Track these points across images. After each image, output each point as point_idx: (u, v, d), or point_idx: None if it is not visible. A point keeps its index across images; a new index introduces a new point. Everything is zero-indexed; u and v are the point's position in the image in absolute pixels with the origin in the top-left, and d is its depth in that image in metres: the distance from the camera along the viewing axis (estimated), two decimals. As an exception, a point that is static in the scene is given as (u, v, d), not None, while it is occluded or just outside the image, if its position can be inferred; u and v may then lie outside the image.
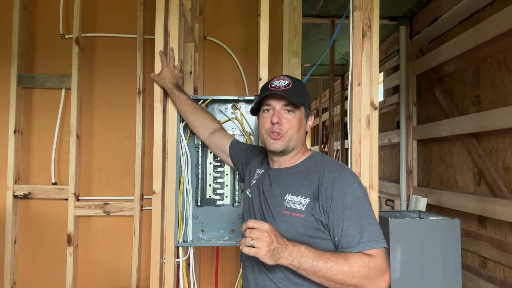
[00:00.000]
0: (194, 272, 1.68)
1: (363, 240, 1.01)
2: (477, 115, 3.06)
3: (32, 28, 2.39)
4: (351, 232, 1.02)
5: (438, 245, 2.63)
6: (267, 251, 0.94)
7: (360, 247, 1.00)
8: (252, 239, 0.95)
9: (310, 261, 0.97)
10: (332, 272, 0.97)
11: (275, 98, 1.17)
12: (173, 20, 1.57)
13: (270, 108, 1.18)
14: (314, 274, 0.98)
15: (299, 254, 0.97)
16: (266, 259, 0.95)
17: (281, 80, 1.19)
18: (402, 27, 4.17)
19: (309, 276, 0.99)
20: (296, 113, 1.18)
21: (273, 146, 1.17)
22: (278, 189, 1.18)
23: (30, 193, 2.30)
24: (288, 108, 1.17)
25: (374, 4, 1.51)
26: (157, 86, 1.55)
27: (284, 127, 1.16)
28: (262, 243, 0.94)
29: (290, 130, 1.16)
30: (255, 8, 2.42)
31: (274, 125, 1.16)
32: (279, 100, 1.16)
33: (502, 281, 2.81)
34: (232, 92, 2.45)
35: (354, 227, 1.02)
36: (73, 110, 2.28)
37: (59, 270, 2.31)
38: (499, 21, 2.76)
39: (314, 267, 0.97)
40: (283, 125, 1.16)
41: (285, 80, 1.18)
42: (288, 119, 1.16)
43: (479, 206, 3.01)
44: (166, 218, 1.56)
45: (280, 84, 1.17)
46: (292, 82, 1.18)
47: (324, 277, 0.97)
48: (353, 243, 1.01)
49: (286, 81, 1.18)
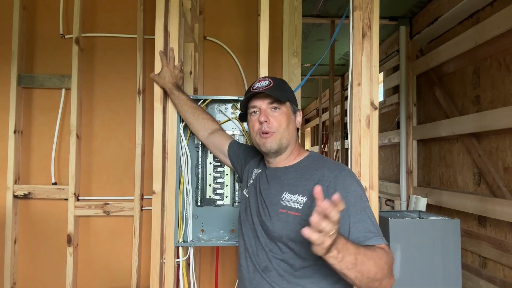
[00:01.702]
0: (194, 272, 1.68)
1: (373, 235, 1.01)
2: (477, 115, 3.06)
3: (32, 28, 2.38)
4: (359, 228, 1.02)
5: (438, 245, 2.63)
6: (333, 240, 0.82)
7: (372, 241, 1.00)
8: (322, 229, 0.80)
9: (353, 253, 0.89)
10: (369, 265, 0.91)
11: (259, 98, 1.18)
12: (173, 20, 1.57)
13: (256, 109, 1.20)
14: (354, 266, 0.89)
15: (344, 246, 0.87)
16: (327, 250, 0.83)
17: (262, 81, 1.21)
18: (402, 27, 4.17)
19: (345, 271, 0.89)
20: (282, 109, 1.19)
21: (266, 145, 1.17)
22: (276, 187, 1.18)
23: (30, 193, 2.30)
24: (274, 106, 1.18)
25: (374, 4, 1.51)
26: (157, 86, 1.55)
27: (273, 125, 1.17)
28: (332, 229, 0.80)
29: (280, 127, 1.17)
30: (255, 8, 2.41)
31: (262, 124, 1.17)
32: (263, 99, 1.18)
33: (502, 281, 2.81)
34: (232, 92, 2.45)
35: (361, 224, 1.02)
36: (73, 110, 2.28)
37: (59, 270, 2.31)
38: (499, 21, 2.76)
39: (356, 260, 0.89)
40: (271, 123, 1.17)
41: (265, 81, 1.20)
42: (275, 116, 1.18)
43: (479, 206, 3.01)
44: (166, 218, 1.56)
45: (261, 85, 1.19)
46: (273, 80, 1.20)
47: (360, 271, 0.90)
48: (363, 237, 1.00)
49: (267, 81, 1.20)
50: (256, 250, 1.16)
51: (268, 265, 1.12)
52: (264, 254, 1.13)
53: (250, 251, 1.18)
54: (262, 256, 1.14)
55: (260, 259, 1.14)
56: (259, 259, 1.15)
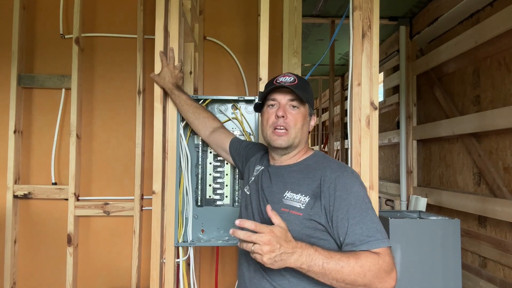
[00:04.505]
0: (194, 272, 1.68)
1: (369, 239, 0.99)
2: (477, 115, 3.06)
3: (32, 28, 2.38)
4: (356, 231, 1.01)
5: (438, 245, 2.63)
6: (268, 259, 0.91)
7: (368, 245, 0.99)
8: (253, 244, 0.91)
9: (320, 263, 0.94)
10: (343, 273, 0.94)
11: (281, 92, 1.17)
12: (173, 20, 1.57)
13: (275, 103, 1.18)
14: (324, 276, 0.95)
15: (309, 257, 0.94)
16: (269, 266, 0.93)
17: (287, 76, 1.19)
18: (402, 27, 4.17)
19: (318, 278, 0.97)
20: (301, 109, 1.18)
21: (277, 142, 1.16)
22: (278, 185, 1.17)
23: (30, 193, 2.30)
24: (294, 104, 1.17)
25: (374, 4, 1.51)
26: (157, 86, 1.55)
27: (289, 121, 1.15)
28: (262, 251, 0.91)
29: (295, 126, 1.16)
30: (255, 8, 2.42)
31: (279, 118, 1.15)
32: (285, 95, 1.16)
33: (502, 281, 2.81)
34: (232, 92, 2.45)
35: (359, 226, 1.01)
36: (73, 110, 2.28)
37: (59, 270, 2.31)
38: (499, 21, 2.76)
39: (324, 269, 0.94)
40: (289, 119, 1.15)
41: (290, 77, 1.18)
42: (293, 114, 1.16)
43: (479, 206, 3.01)
44: (166, 218, 1.56)
45: (286, 80, 1.17)
46: (298, 79, 1.18)
47: (334, 278, 0.95)
48: (359, 241, 1.00)
49: (292, 78, 1.18)
50: None
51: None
52: None
53: None
54: None
55: None
56: None
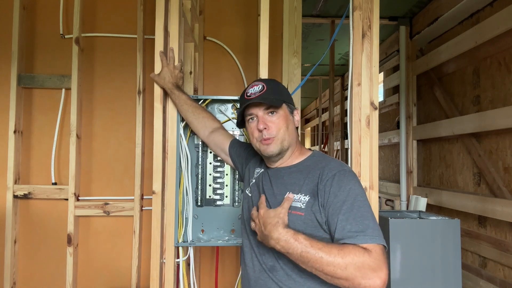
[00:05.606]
0: (194, 272, 1.68)
1: (358, 234, 0.99)
2: (477, 115, 3.06)
3: (32, 28, 2.39)
4: (345, 227, 1.01)
5: (438, 245, 2.63)
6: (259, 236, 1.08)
7: (355, 240, 0.98)
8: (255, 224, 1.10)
9: (299, 251, 0.97)
10: (322, 263, 0.95)
11: (255, 105, 1.18)
12: (173, 20, 1.57)
13: (253, 116, 1.20)
14: (303, 263, 0.98)
15: (287, 244, 0.99)
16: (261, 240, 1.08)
17: (255, 86, 1.20)
18: (402, 27, 4.17)
19: (301, 265, 1.00)
20: (279, 112, 1.19)
21: (268, 150, 1.18)
22: (279, 187, 1.18)
23: (30, 193, 2.31)
24: (270, 111, 1.18)
25: (374, 4, 1.51)
26: (157, 86, 1.55)
27: (272, 130, 1.17)
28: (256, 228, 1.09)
29: (280, 131, 1.17)
30: (255, 8, 2.42)
31: (262, 131, 1.17)
32: (259, 107, 1.18)
33: (502, 281, 2.81)
34: (232, 92, 2.45)
35: (349, 221, 1.01)
36: (73, 110, 2.28)
37: (59, 270, 2.31)
38: (499, 21, 2.76)
39: (302, 257, 0.97)
40: (270, 129, 1.17)
41: (258, 85, 1.20)
42: (273, 121, 1.18)
43: (479, 206, 3.01)
44: (166, 218, 1.56)
45: (255, 91, 1.19)
46: (266, 84, 1.20)
47: (313, 267, 0.97)
48: (347, 236, 1.00)
49: (260, 86, 1.19)
50: (263, 249, 1.15)
51: (275, 265, 1.12)
52: (270, 253, 1.13)
53: (256, 250, 1.18)
54: (268, 255, 1.14)
55: (267, 258, 1.14)
56: (265, 258, 1.14)
